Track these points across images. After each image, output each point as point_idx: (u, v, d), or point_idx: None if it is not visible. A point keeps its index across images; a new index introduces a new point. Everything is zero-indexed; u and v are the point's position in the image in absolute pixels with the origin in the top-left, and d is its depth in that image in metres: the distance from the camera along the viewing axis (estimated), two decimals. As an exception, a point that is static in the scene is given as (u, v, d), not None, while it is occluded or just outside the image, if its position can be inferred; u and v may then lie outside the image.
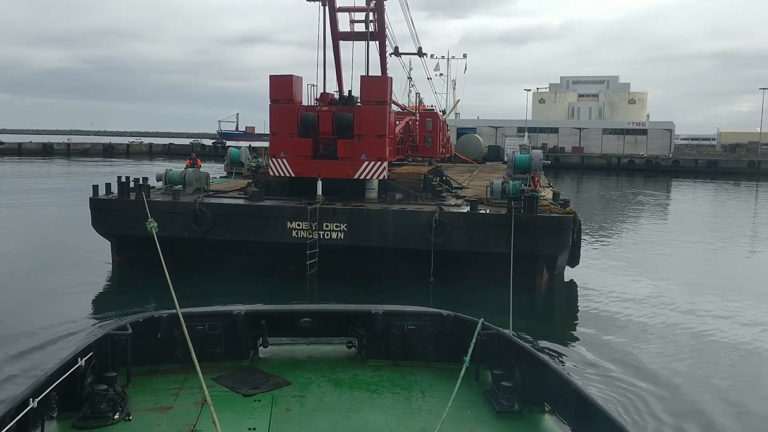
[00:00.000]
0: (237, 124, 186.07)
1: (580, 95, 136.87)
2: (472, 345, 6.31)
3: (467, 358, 6.15)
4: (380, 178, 24.73)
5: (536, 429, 6.09)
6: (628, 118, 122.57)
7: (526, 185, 24.50)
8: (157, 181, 26.07)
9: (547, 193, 26.04)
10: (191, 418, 5.90)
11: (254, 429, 5.69)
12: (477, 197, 24.42)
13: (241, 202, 24.42)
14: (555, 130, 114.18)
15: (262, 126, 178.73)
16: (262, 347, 7.55)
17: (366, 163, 24.40)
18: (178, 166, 29.65)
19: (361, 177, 24.71)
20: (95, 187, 24.09)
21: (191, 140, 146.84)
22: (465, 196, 26.15)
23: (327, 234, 22.55)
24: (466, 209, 22.89)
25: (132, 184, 24.16)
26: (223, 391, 6.35)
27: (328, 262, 22.42)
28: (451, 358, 7.19)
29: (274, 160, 25.27)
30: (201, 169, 27.36)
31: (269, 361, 7.44)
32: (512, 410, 6.20)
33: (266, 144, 63.89)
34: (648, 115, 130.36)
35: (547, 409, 6.25)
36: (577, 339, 17.35)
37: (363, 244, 22.50)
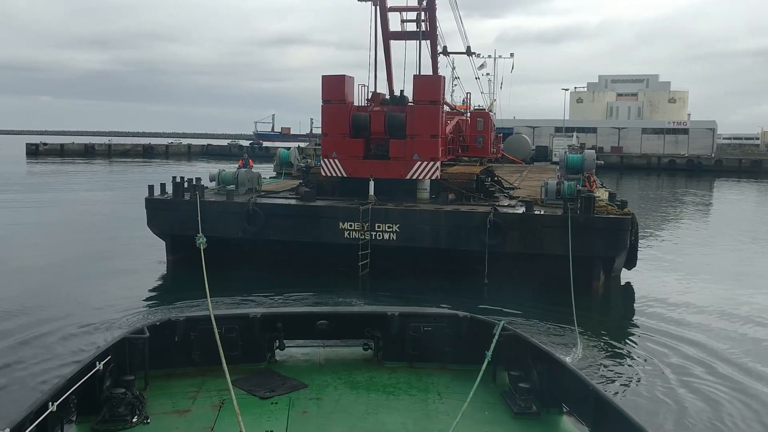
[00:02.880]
0: (273, 125, 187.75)
1: (619, 94, 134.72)
2: (492, 347, 6.28)
3: (488, 356, 6.14)
4: (433, 178, 24.57)
5: (554, 430, 6.01)
6: (668, 117, 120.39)
7: (580, 186, 24.09)
8: (210, 181, 26.26)
9: (602, 194, 25.61)
10: (209, 421, 5.90)
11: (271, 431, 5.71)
12: (530, 198, 24.08)
13: (293, 202, 24.46)
14: (593, 130, 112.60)
15: (298, 126, 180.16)
16: (278, 350, 7.53)
17: (418, 163, 24.25)
18: (230, 167, 29.83)
19: (413, 177, 24.57)
20: (150, 188, 24.33)
21: (228, 141, 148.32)
22: (518, 197, 25.83)
23: (379, 235, 22.44)
24: (521, 210, 22.57)
25: (186, 185, 24.34)
26: (240, 393, 6.33)
27: (380, 262, 22.34)
28: (467, 360, 7.14)
29: (325, 160, 25.28)
30: (253, 170, 27.47)
31: (285, 364, 7.43)
32: (530, 411, 6.13)
33: (303, 144, 64.46)
34: (689, 115, 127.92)
35: (565, 410, 6.16)
36: (632, 343, 17.02)
37: (415, 245, 22.37)
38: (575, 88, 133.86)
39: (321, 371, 7.20)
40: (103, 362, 5.95)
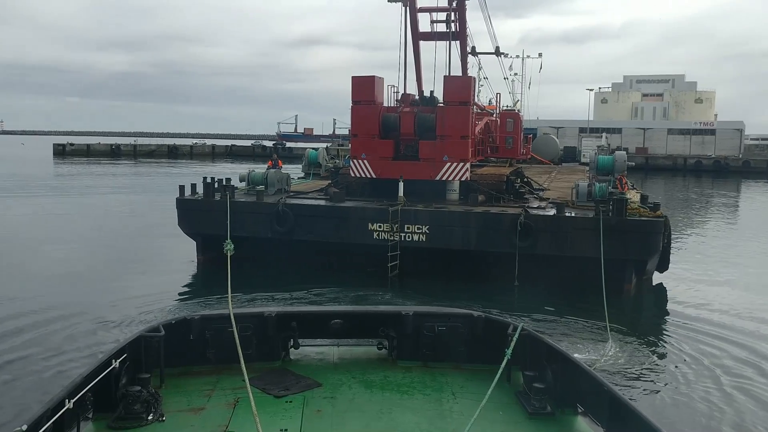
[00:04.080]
0: (296, 125, 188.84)
1: (644, 95, 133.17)
2: (512, 346, 6.25)
3: (508, 355, 6.14)
4: (462, 179, 24.47)
5: (568, 431, 5.98)
6: (694, 118, 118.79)
7: (612, 187, 23.84)
8: (240, 181, 26.45)
9: (633, 196, 25.34)
10: (224, 419, 5.93)
11: (286, 430, 5.70)
12: (561, 199, 23.87)
13: (322, 203, 24.48)
14: (618, 131, 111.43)
15: (321, 127, 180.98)
16: (293, 349, 7.55)
17: (448, 164, 24.17)
18: (257, 167, 30.01)
19: (443, 178, 24.50)
20: (181, 188, 24.52)
21: (252, 142, 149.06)
22: (548, 198, 25.64)
23: (408, 236, 22.38)
24: (552, 212, 22.40)
25: (216, 185, 24.50)
26: (254, 392, 6.31)
27: (410, 264, 22.27)
28: (482, 360, 7.15)
29: (355, 161, 25.28)
30: (282, 170, 27.59)
31: (300, 363, 7.41)
32: (544, 412, 6.10)
33: (326, 144, 64.79)
34: (716, 115, 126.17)
35: (579, 410, 6.12)
36: (659, 346, 16.78)
37: (445, 246, 22.28)
38: (600, 88, 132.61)
39: (335, 370, 7.21)
40: (119, 360, 6.01)
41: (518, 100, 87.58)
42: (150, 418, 5.82)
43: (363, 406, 6.26)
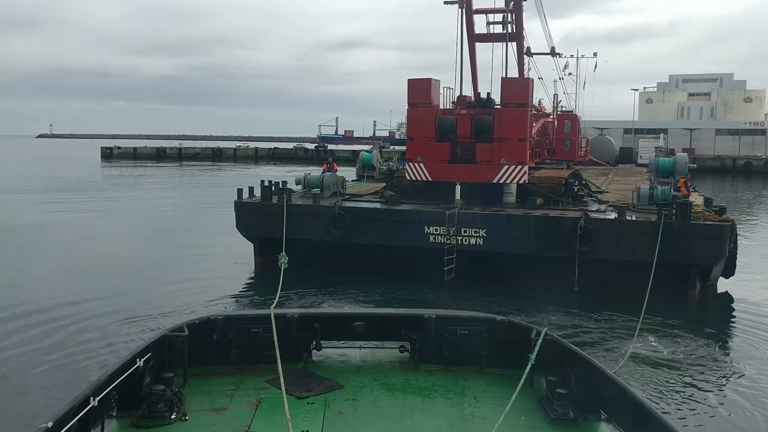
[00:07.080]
0: (336, 128, 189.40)
1: (691, 94, 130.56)
2: (536, 351, 6.26)
3: (532, 359, 6.14)
4: (520, 182, 24.19)
5: None
6: (743, 117, 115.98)
7: (674, 190, 23.30)
8: (297, 184, 26.66)
9: (696, 199, 24.76)
10: (246, 419, 5.96)
11: (307, 431, 5.72)
12: (621, 202, 23.40)
13: (378, 206, 24.48)
14: (664, 131, 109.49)
15: (361, 129, 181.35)
16: (315, 350, 7.57)
17: (506, 167, 23.91)
18: (301, 169, 30.21)
19: (501, 181, 24.24)
20: (239, 191, 24.79)
21: (294, 144, 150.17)
22: (608, 201, 25.19)
23: (465, 239, 22.19)
24: (612, 216, 22.00)
25: (273, 188, 24.69)
26: (276, 393, 6.36)
27: (466, 267, 22.07)
28: (504, 365, 7.11)
29: (410, 164, 25.20)
30: (337, 173, 27.72)
31: (322, 365, 7.44)
32: (567, 417, 6.01)
33: (365, 147, 64.85)
34: (766, 115, 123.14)
35: (603, 417, 6.02)
36: (714, 355, 16.11)
37: (503, 250, 22.00)
38: (645, 88, 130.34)
39: (357, 372, 7.23)
40: (143, 359, 6.07)
41: (561, 100, 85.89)
42: (173, 417, 5.89)
43: (384, 409, 6.28)
